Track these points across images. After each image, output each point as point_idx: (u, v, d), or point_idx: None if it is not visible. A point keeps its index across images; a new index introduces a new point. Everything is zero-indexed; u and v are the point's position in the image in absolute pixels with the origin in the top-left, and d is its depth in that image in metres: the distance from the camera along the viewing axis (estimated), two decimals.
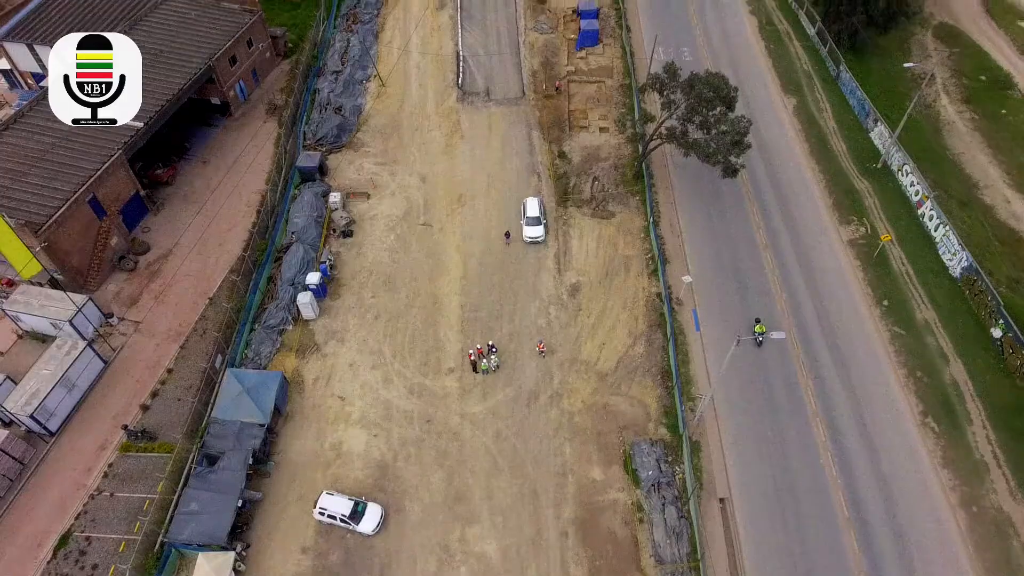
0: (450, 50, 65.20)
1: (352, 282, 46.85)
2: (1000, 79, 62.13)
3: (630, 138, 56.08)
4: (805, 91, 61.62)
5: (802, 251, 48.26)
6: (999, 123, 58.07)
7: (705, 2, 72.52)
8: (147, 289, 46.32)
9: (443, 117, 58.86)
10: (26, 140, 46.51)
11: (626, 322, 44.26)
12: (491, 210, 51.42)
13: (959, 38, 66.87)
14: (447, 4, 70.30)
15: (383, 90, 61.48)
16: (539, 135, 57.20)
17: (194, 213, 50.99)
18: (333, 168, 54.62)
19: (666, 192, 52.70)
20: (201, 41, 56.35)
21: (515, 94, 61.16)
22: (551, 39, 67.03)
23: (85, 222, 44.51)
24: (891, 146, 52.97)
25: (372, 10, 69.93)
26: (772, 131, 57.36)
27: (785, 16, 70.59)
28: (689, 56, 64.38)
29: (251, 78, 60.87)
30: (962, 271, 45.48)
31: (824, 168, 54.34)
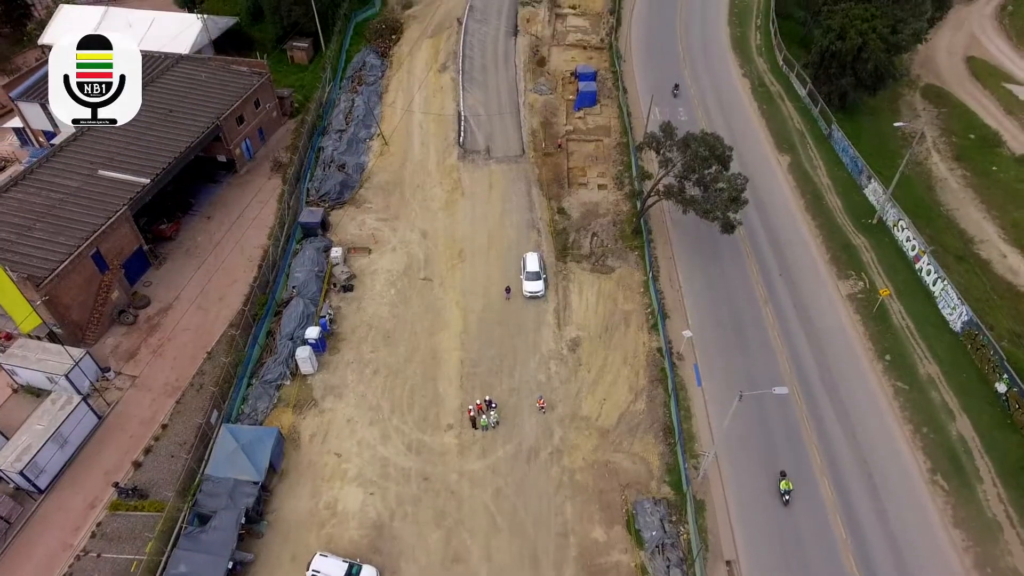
0: (452, 110, 67.01)
1: (352, 336, 46.71)
2: (989, 137, 63.70)
3: (628, 195, 57.04)
4: (798, 149, 63.02)
5: (801, 306, 48.31)
6: (990, 180, 59.19)
7: (699, 65, 75.02)
8: (145, 343, 46.16)
9: (444, 174, 59.96)
10: (34, 195, 47.33)
11: (627, 377, 43.89)
12: (491, 265, 51.74)
13: (947, 98, 68.91)
14: (449, 67, 72.68)
15: (386, 148, 62.87)
16: (538, 192, 58.13)
17: (196, 267, 51.33)
18: (335, 224, 55.29)
19: (665, 247, 53.17)
20: (210, 101, 58.02)
21: (515, 152, 62.48)
22: (550, 100, 69.00)
23: (87, 276, 44.75)
24: (885, 202, 53.78)
25: (377, 72, 72.26)
26: (768, 188, 58.34)
27: (776, 78, 72.89)
28: (684, 115, 66.15)
29: (257, 136, 62.38)
30: (963, 325, 45.41)
31: (820, 224, 55.01)
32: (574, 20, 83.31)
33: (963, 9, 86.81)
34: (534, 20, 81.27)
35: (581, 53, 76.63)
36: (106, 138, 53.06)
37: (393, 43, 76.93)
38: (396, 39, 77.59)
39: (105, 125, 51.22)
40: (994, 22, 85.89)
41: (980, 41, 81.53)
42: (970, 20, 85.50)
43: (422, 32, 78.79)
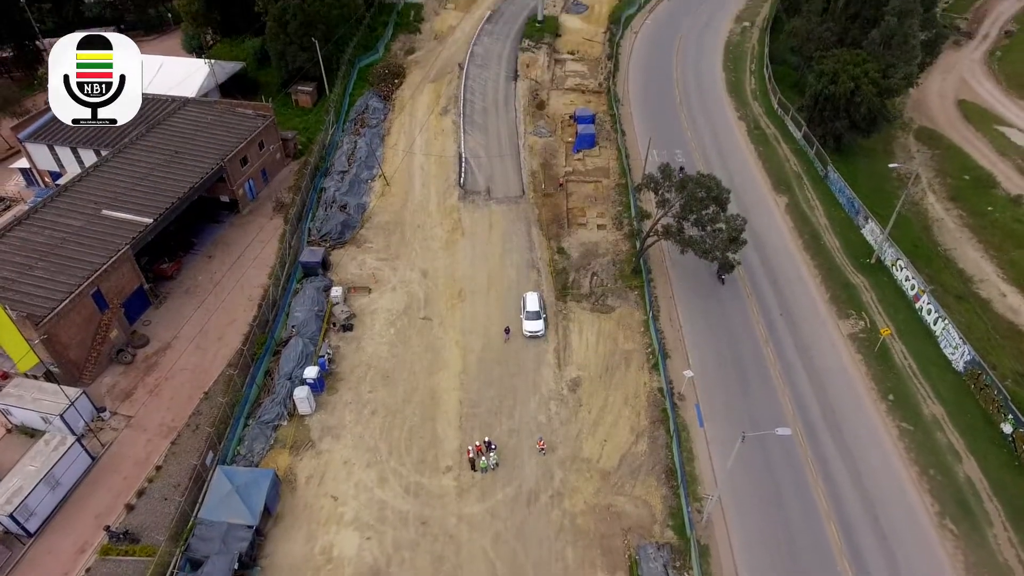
0: (452, 152, 68.01)
1: (350, 376, 46.39)
2: (983, 178, 64.46)
3: (627, 235, 57.43)
4: (795, 190, 63.70)
5: (803, 345, 48.11)
6: (987, 220, 59.66)
7: (695, 109, 76.48)
8: (142, 383, 45.82)
9: (445, 215, 60.49)
10: (37, 235, 47.69)
11: (628, 418, 43.41)
12: (491, 305, 51.73)
13: (940, 140, 69.99)
14: (450, 110, 74.07)
15: (387, 189, 63.58)
16: (538, 232, 58.53)
17: (195, 307, 51.32)
18: (336, 263, 55.51)
19: (664, 287, 53.25)
20: (215, 143, 58.97)
21: (515, 193, 63.16)
22: (550, 142, 70.09)
23: (87, 315, 44.71)
24: (883, 242, 54.09)
25: (379, 115, 73.62)
26: (766, 228, 58.76)
27: (772, 121, 74.22)
28: (682, 158, 67.08)
29: (261, 177, 63.19)
30: (965, 365, 45.12)
31: (819, 263, 55.22)
32: (573, 65, 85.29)
33: (952, 54, 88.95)
34: (534, 65, 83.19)
35: (580, 97, 78.21)
36: (111, 179, 53.78)
37: (396, 87, 78.60)
38: (399, 83, 79.31)
39: (110, 166, 51.74)
40: (983, 67, 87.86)
41: (970, 85, 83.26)
42: (959, 65, 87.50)
43: (424, 77, 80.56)
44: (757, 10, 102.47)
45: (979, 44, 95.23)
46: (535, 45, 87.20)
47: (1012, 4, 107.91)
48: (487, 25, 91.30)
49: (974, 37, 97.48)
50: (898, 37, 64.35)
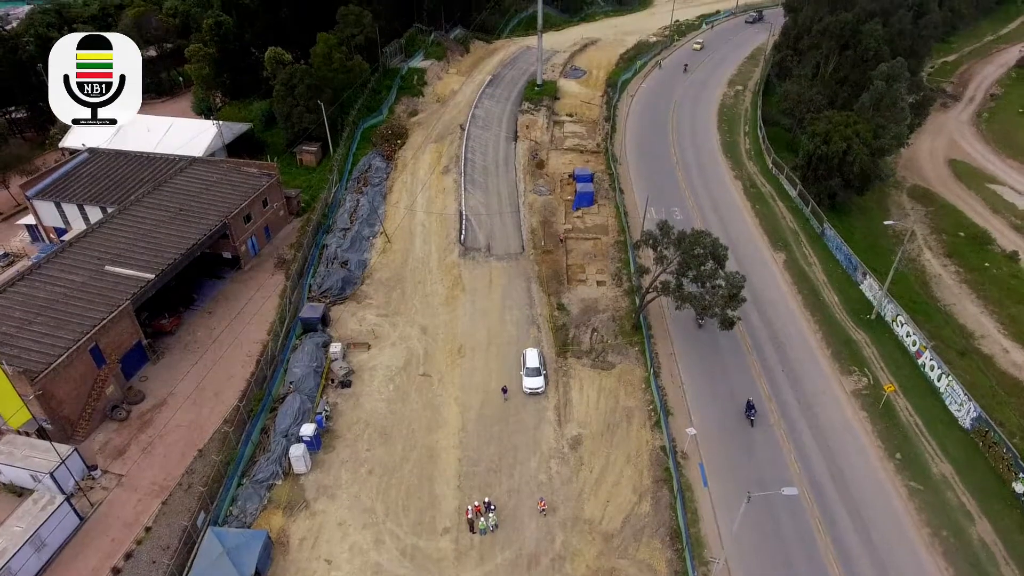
0: (453, 210, 69.01)
1: (347, 434, 45.64)
2: (978, 235, 65.18)
3: (627, 291, 57.61)
4: (793, 247, 64.29)
5: (806, 402, 47.52)
6: (984, 276, 59.98)
7: (692, 168, 78.07)
8: (136, 440, 45.03)
9: (445, 271, 60.86)
10: (38, 290, 47.88)
11: (630, 477, 42.44)
12: (491, 361, 51.40)
13: (933, 198, 71.14)
14: (451, 169, 75.59)
15: (388, 246, 64.20)
16: (538, 288, 58.75)
17: (193, 362, 50.97)
18: (335, 319, 55.48)
19: (665, 343, 53.03)
20: (220, 200, 59.92)
21: (515, 250, 63.73)
22: (549, 200, 71.22)
23: (83, 371, 44.36)
24: (883, 298, 54.21)
25: (382, 174, 75.09)
26: (765, 284, 59.01)
27: (767, 180, 75.61)
28: (680, 215, 68.04)
29: (264, 234, 63.91)
30: (972, 422, 44.45)
31: (819, 319, 55.17)
32: (571, 127, 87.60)
33: (940, 116, 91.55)
34: (533, 127, 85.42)
35: (578, 157, 79.98)
36: (115, 235, 54.41)
37: (398, 147, 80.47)
38: (401, 144, 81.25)
39: (115, 223, 52.03)
40: (971, 128, 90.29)
41: (960, 145, 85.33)
42: (948, 126, 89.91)
43: (426, 137, 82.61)
44: (749, 75, 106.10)
45: (966, 106, 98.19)
46: (534, 107, 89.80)
47: (995, 69, 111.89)
48: (488, 88, 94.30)
49: (960, 100, 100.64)
50: (887, 100, 66.36)
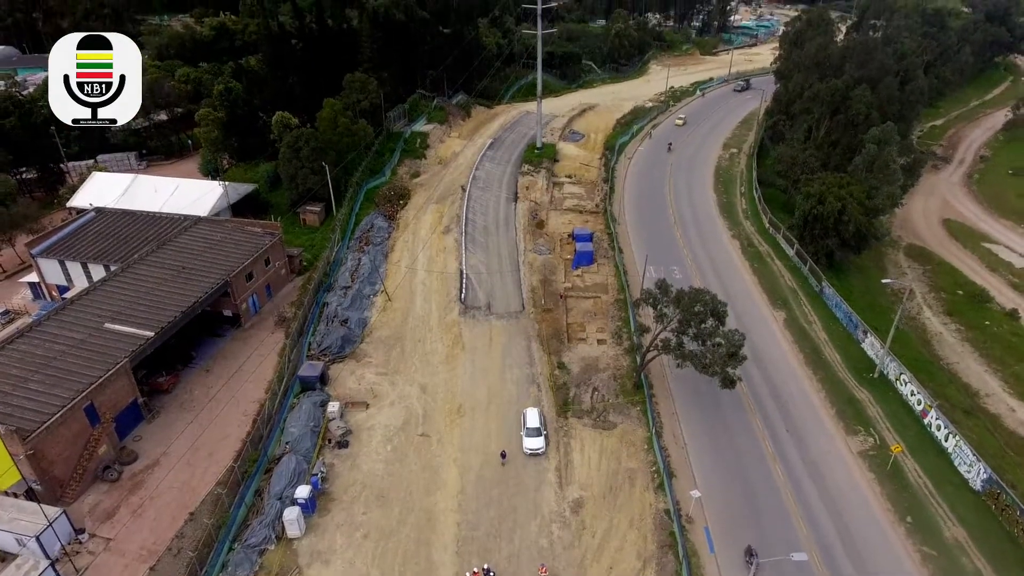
0: (454, 268, 69.49)
1: (343, 496, 44.50)
2: (977, 293, 65.43)
3: (627, 350, 57.36)
4: (792, 305, 64.39)
5: (811, 463, 46.56)
6: (986, 334, 59.89)
7: (690, 228, 79.11)
8: (126, 502, 43.87)
9: (445, 330, 60.76)
10: (37, 347, 47.72)
11: (634, 542, 41.13)
12: (491, 421, 50.67)
13: (930, 257, 71.79)
14: (452, 229, 76.56)
15: (389, 304, 64.34)
16: (538, 347, 58.50)
17: (188, 421, 50.24)
18: (334, 378, 55.03)
19: (666, 402, 52.41)
20: (222, 259, 60.47)
21: (515, 308, 63.81)
22: (549, 259, 71.83)
23: (77, 430, 43.69)
24: (884, 356, 53.92)
25: (384, 233, 76.05)
26: (766, 343, 58.79)
27: (764, 239, 76.46)
28: (679, 274, 68.47)
29: (265, 292, 64.17)
30: (983, 484, 43.42)
31: (822, 378, 54.70)
32: (570, 188, 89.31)
33: (932, 177, 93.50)
34: (533, 188, 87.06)
35: (578, 217, 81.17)
36: (116, 293, 54.64)
37: (400, 208, 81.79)
38: (403, 204, 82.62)
39: (117, 281, 52.02)
40: (963, 188, 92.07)
41: (953, 205, 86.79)
42: (940, 187, 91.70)
43: (428, 198, 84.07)
44: (743, 138, 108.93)
45: (956, 168, 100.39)
46: (534, 169, 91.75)
47: (982, 132, 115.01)
48: (489, 151, 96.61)
49: (951, 162, 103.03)
50: (879, 162, 67.91)
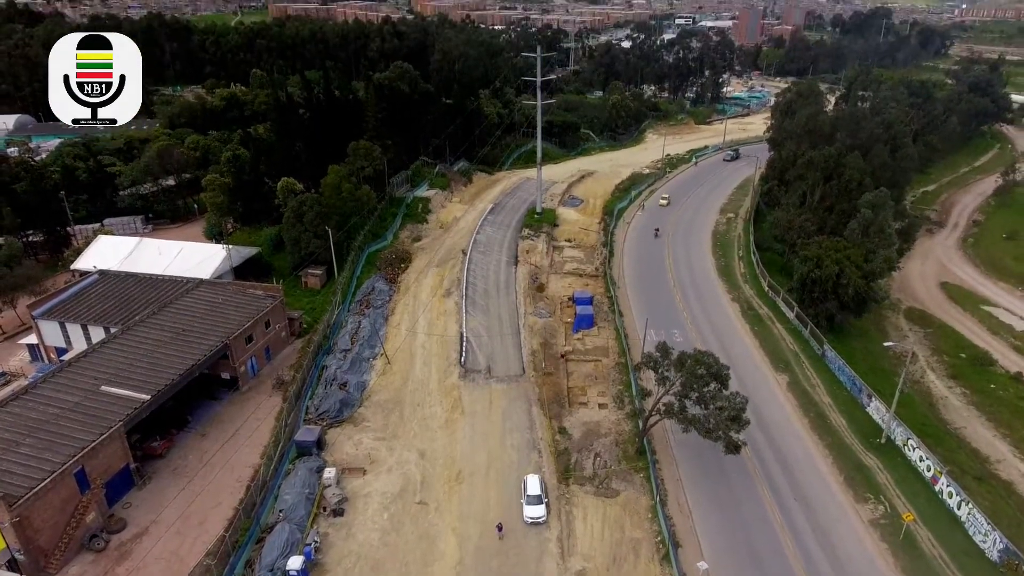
0: (454, 332, 69.37)
1: (337, 568, 42.89)
2: (980, 357, 65.03)
3: (629, 414, 56.56)
4: (795, 368, 63.89)
5: (822, 533, 45.09)
6: (992, 398, 59.16)
7: (689, 291, 79.45)
8: (112, 574, 42.24)
9: (445, 394, 60.11)
10: (31, 410, 47.15)
11: None
12: (490, 488, 49.42)
13: (930, 320, 71.72)
14: (453, 292, 76.90)
15: (388, 367, 63.91)
16: (539, 411, 57.70)
17: (180, 488, 49.02)
18: (331, 443, 54.03)
19: (670, 468, 51.26)
20: (222, 322, 60.47)
21: (515, 372, 63.33)
22: (549, 323, 71.82)
23: (66, 496, 42.56)
24: (891, 421, 53.10)
25: (384, 296, 76.35)
26: (769, 407, 58.01)
27: (764, 302, 76.62)
28: (680, 337, 68.26)
29: (264, 355, 63.86)
30: (1000, 554, 41.91)
31: (828, 444, 53.67)
32: (570, 251, 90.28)
33: (927, 240, 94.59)
34: (533, 252, 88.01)
35: (577, 280, 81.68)
36: (114, 355, 54.38)
37: (401, 271, 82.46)
38: (405, 268, 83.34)
39: (116, 343, 51.95)
40: (959, 252, 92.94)
41: (950, 269, 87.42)
42: (936, 251, 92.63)
43: (429, 262, 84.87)
44: (739, 203, 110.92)
45: (951, 232, 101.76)
46: (534, 234, 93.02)
47: (974, 198, 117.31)
48: (490, 216, 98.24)
49: (945, 226, 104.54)
50: (875, 226, 68.90)
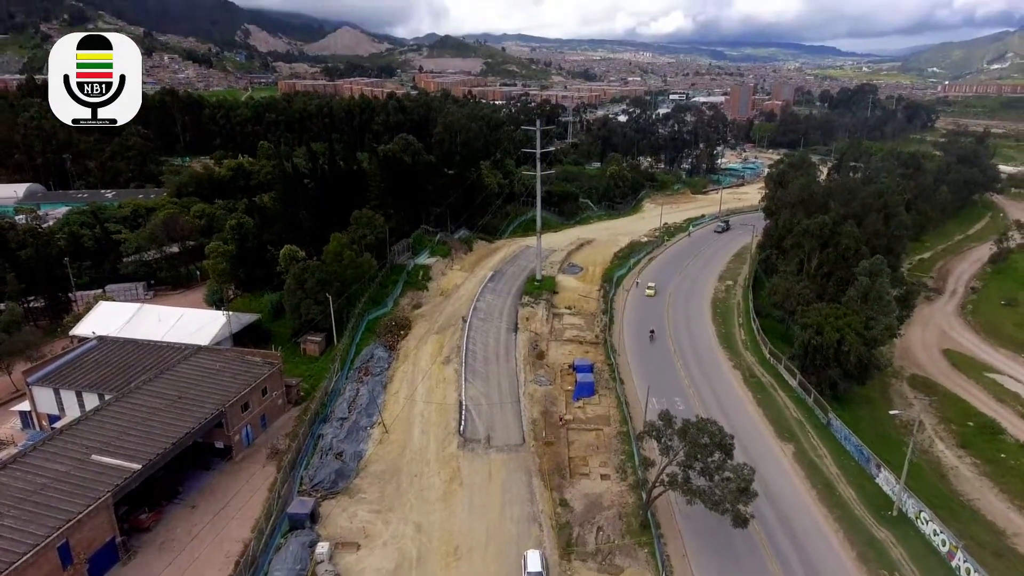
0: (453, 400, 68.44)
1: None
2: (987, 425, 63.98)
3: (632, 485, 55.05)
4: (800, 438, 62.64)
5: None
6: (1003, 468, 57.81)
7: (690, 359, 78.92)
8: None
9: (443, 464, 58.72)
10: (19, 480, 45.90)
11: None
12: (489, 564, 47.51)
13: (935, 387, 70.94)
14: (452, 359, 76.37)
15: (386, 436, 62.70)
16: (539, 483, 56.20)
17: (167, 563, 47.06)
18: (325, 515, 52.33)
19: (676, 543, 49.44)
20: (219, 389, 59.75)
21: (515, 441, 62.09)
22: (550, 390, 70.98)
23: (47, 571, 40.76)
24: (901, 492, 51.64)
25: (383, 364, 75.79)
26: (776, 478, 56.51)
27: (766, 370, 75.95)
28: (682, 405, 67.29)
29: (259, 423, 62.76)
30: None
31: (838, 516, 51.98)
32: (570, 319, 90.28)
33: (926, 308, 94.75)
34: (533, 319, 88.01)
35: (578, 348, 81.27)
36: (107, 423, 53.44)
37: (401, 338, 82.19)
38: (404, 335, 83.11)
39: (109, 410, 51.11)
40: (959, 319, 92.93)
41: (950, 335, 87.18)
42: (935, 317, 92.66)
43: (429, 329, 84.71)
44: (738, 271, 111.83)
45: (949, 299, 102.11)
46: (534, 301, 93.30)
47: (969, 265, 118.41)
48: (490, 283, 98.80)
49: (943, 293, 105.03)
50: (873, 293, 69.19)
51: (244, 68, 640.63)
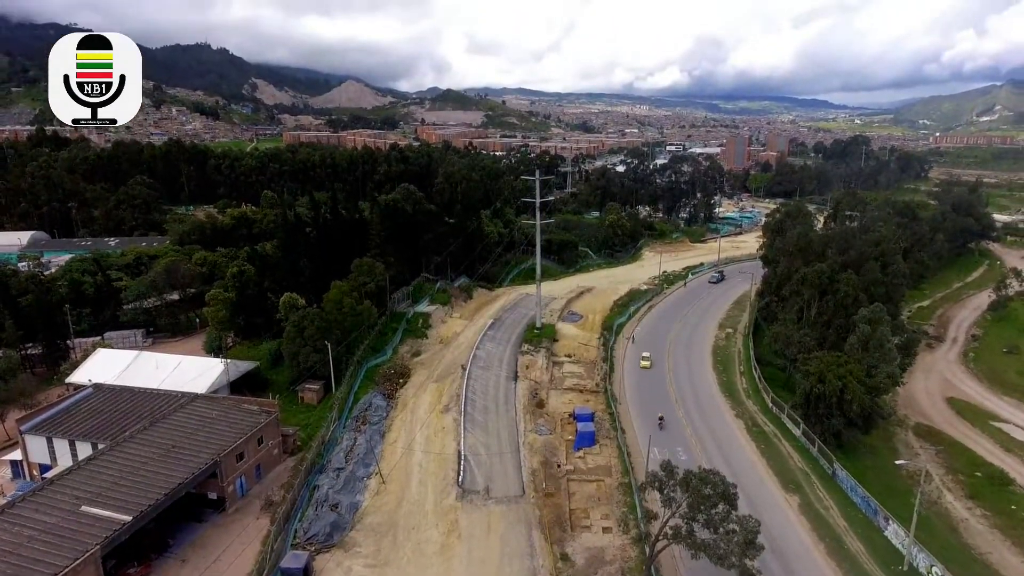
0: (452, 450, 67.40)
1: None
2: (996, 475, 62.77)
3: (635, 539, 53.65)
4: (806, 489, 61.35)
5: None
6: (1014, 520, 56.43)
7: (691, 407, 78.03)
8: None
9: (441, 516, 57.39)
10: (4, 532, 44.86)
11: None
12: None
13: (940, 437, 69.88)
14: (452, 408, 75.55)
15: (383, 487, 61.48)
16: (539, 535, 54.81)
17: None
18: (318, 570, 50.83)
19: None
20: (214, 438, 58.93)
21: (515, 492, 60.85)
22: (550, 440, 69.97)
23: None
24: (911, 546, 50.29)
25: (382, 412, 74.93)
26: (782, 531, 55.12)
27: (768, 419, 75.00)
28: (684, 455, 66.18)
29: (254, 473, 61.60)
30: None
31: (847, 571, 50.45)
32: (570, 367, 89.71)
33: (928, 355, 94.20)
34: (533, 367, 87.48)
35: (578, 396, 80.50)
36: (100, 473, 52.52)
37: (400, 386, 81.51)
38: (403, 383, 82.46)
39: (102, 460, 50.45)
40: (961, 367, 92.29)
41: (953, 383, 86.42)
42: (937, 365, 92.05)
43: (428, 377, 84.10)
44: (738, 318, 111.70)
45: (950, 347, 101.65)
46: (534, 349, 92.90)
47: (969, 312, 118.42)
48: (489, 331, 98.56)
49: (944, 340, 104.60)
50: (874, 341, 68.93)
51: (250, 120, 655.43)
